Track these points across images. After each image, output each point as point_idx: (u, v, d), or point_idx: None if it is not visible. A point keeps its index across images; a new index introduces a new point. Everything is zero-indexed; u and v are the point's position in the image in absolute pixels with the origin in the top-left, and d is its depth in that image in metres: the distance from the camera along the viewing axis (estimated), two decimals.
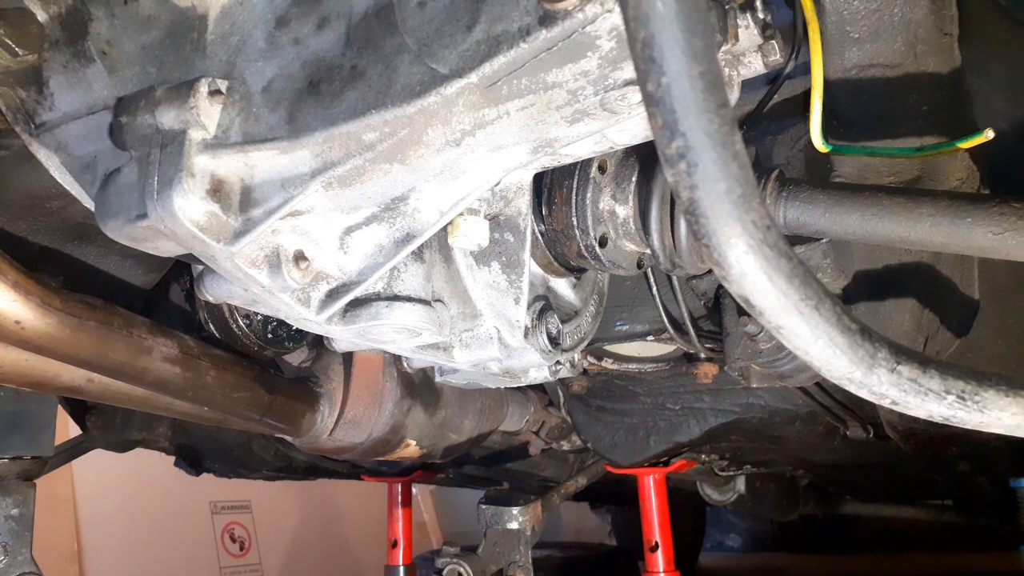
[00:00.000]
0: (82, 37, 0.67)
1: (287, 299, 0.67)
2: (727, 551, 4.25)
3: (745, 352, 0.98)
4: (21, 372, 0.80)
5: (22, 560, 1.06)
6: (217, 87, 0.61)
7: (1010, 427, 0.47)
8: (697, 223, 0.39)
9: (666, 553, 1.55)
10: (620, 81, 0.56)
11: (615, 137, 0.66)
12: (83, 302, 0.75)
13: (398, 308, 0.73)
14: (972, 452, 1.62)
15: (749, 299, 0.41)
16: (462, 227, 0.71)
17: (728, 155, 0.38)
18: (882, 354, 0.44)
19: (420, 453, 1.24)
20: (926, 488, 2.43)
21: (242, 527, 3.42)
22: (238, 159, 0.61)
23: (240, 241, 0.61)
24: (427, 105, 0.56)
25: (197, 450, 1.71)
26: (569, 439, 1.58)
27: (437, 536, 4.04)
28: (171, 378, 0.84)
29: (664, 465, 1.50)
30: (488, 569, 1.37)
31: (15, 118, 0.71)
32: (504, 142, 0.62)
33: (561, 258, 0.86)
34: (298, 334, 1.02)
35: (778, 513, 2.34)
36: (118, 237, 0.63)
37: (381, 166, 0.62)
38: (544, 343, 0.81)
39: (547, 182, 0.82)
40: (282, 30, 0.63)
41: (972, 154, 0.82)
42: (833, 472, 2.18)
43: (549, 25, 0.52)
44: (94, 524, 2.92)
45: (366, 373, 1.11)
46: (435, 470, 1.87)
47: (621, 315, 1.08)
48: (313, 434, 1.10)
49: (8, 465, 1.08)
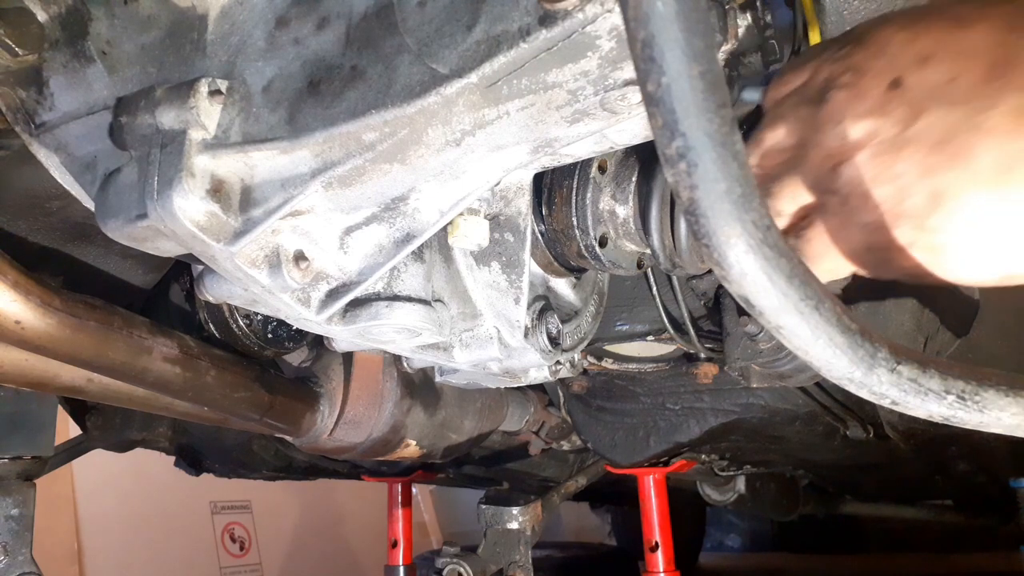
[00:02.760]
0: (82, 37, 0.67)
1: (287, 299, 0.67)
2: (727, 551, 4.25)
3: (745, 352, 0.98)
4: (21, 372, 0.80)
5: (22, 560, 1.06)
6: (217, 87, 0.61)
7: (1010, 427, 0.47)
8: (697, 223, 0.39)
9: (666, 553, 1.55)
10: (620, 81, 0.56)
11: (615, 137, 0.66)
12: (83, 302, 0.75)
13: (398, 308, 0.73)
14: (972, 452, 1.63)
15: (749, 299, 0.41)
16: (462, 227, 0.71)
17: (728, 155, 0.38)
18: (882, 354, 0.44)
19: (420, 453, 1.24)
20: (926, 488, 2.43)
21: (242, 527, 3.42)
22: (238, 159, 0.61)
23: (240, 241, 0.61)
24: (427, 105, 0.56)
25: (197, 450, 1.71)
26: (569, 439, 1.58)
27: (437, 536, 4.04)
28: (171, 378, 0.84)
29: (664, 465, 1.50)
30: (488, 569, 1.37)
31: (15, 118, 0.71)
32: (504, 142, 0.62)
33: (561, 258, 0.86)
34: (298, 334, 1.02)
35: (778, 513, 2.34)
36: (118, 237, 0.63)
37: (381, 166, 0.62)
38: (544, 343, 0.81)
39: (547, 182, 0.82)
40: (282, 30, 0.63)
41: None
42: (833, 472, 2.18)
43: (549, 25, 0.52)
44: (94, 524, 2.92)
45: (366, 373, 1.11)
46: (435, 470, 1.87)
47: (621, 315, 1.08)
48: (313, 434, 1.10)
49: (8, 465, 1.08)
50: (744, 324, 0.92)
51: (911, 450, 1.39)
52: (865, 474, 2.10)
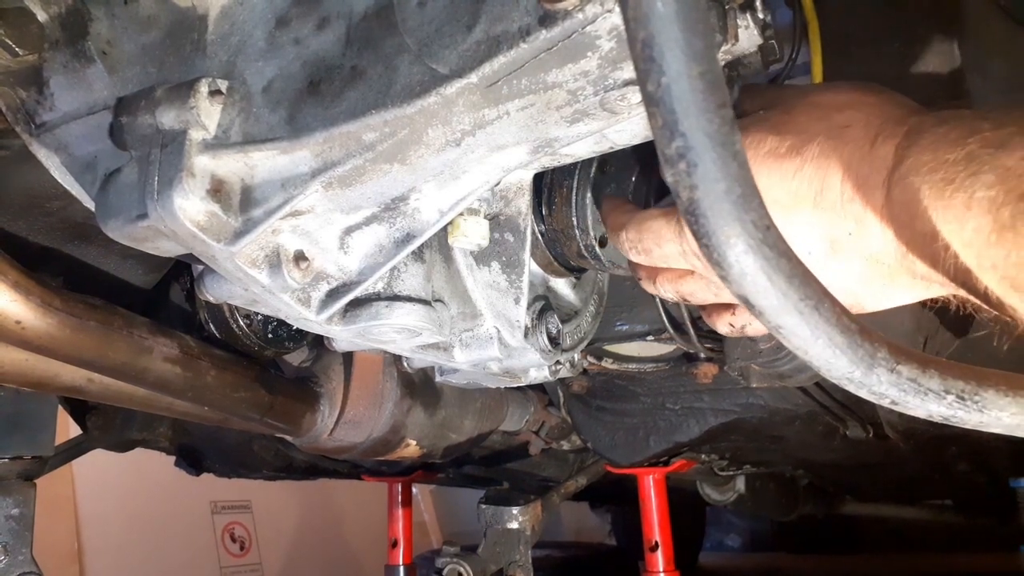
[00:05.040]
0: (82, 37, 0.67)
1: (287, 299, 0.67)
2: (727, 551, 4.25)
3: (745, 352, 0.98)
4: (21, 372, 0.80)
5: (22, 560, 1.06)
6: (217, 87, 0.61)
7: (1010, 427, 0.47)
8: (696, 223, 0.39)
9: (666, 553, 1.55)
10: (620, 81, 0.56)
11: (615, 137, 0.66)
12: (83, 302, 0.75)
13: (398, 308, 0.73)
14: (972, 452, 1.63)
15: (749, 299, 0.41)
16: (462, 227, 0.71)
17: (728, 155, 0.38)
18: (882, 354, 0.44)
19: (420, 453, 1.24)
20: (926, 488, 2.43)
21: (242, 527, 3.42)
22: (238, 159, 0.61)
23: (240, 241, 0.61)
24: (427, 105, 0.56)
25: (197, 450, 1.71)
26: (569, 439, 1.58)
27: (437, 536, 4.04)
28: (171, 378, 0.84)
29: (664, 465, 1.50)
30: (488, 569, 1.37)
31: (15, 118, 0.70)
32: (504, 142, 0.62)
33: (561, 258, 0.86)
34: (298, 334, 1.02)
35: (778, 513, 2.34)
36: (118, 237, 0.63)
37: (381, 166, 0.62)
38: (544, 343, 0.81)
39: (547, 182, 0.82)
40: (282, 30, 0.63)
41: None
42: (833, 472, 2.18)
43: (549, 25, 0.52)
44: (94, 524, 2.92)
45: (366, 373, 1.11)
46: (435, 470, 1.87)
47: (621, 315, 1.08)
48: (313, 434, 1.10)
49: (8, 465, 1.08)
50: None
51: (911, 450, 1.39)
52: (865, 474, 2.10)
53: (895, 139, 0.54)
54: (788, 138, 0.59)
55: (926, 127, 0.53)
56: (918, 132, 0.53)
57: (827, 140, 0.58)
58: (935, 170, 0.49)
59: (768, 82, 0.94)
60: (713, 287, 0.68)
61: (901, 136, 0.54)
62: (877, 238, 0.56)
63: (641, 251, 0.70)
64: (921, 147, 0.51)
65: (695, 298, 0.72)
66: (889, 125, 0.56)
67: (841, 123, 0.58)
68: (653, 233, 0.67)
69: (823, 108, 0.61)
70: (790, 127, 0.60)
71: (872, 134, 0.56)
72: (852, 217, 0.57)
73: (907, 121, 0.55)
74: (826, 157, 0.57)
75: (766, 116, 0.63)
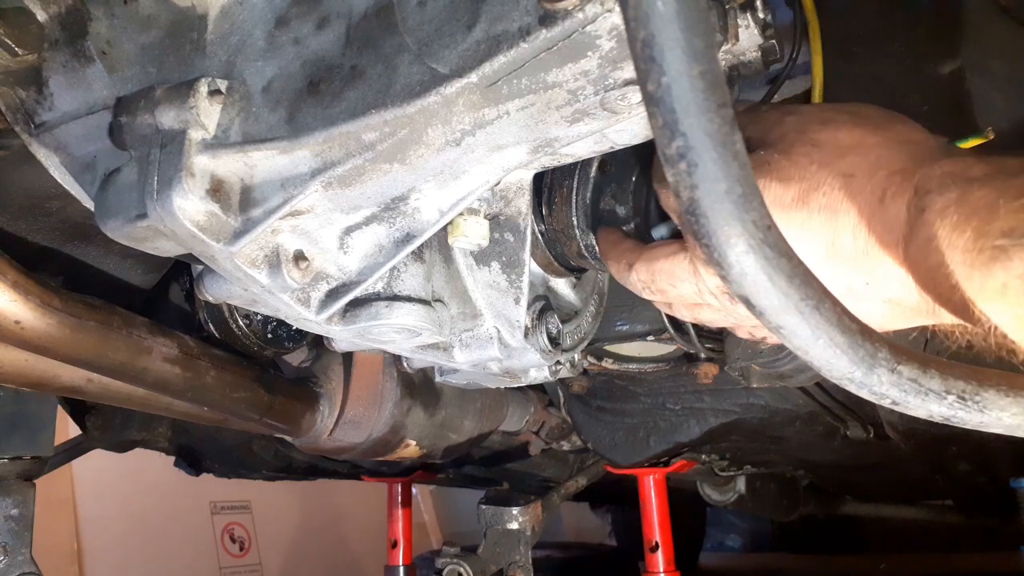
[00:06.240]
0: (82, 37, 0.67)
1: (287, 299, 0.67)
2: (727, 551, 4.25)
3: (745, 352, 0.98)
4: (21, 372, 0.80)
5: (22, 560, 1.06)
6: (217, 87, 0.61)
7: (1010, 427, 0.47)
8: (697, 223, 0.39)
9: (666, 553, 1.55)
10: (620, 81, 0.56)
11: (615, 137, 0.66)
12: (83, 302, 0.75)
13: (398, 308, 0.72)
14: (972, 452, 1.62)
15: (749, 299, 0.41)
16: (462, 227, 0.71)
17: (728, 155, 0.38)
18: (882, 354, 0.44)
19: (420, 453, 1.24)
20: (926, 488, 2.43)
21: (242, 527, 3.42)
22: (238, 159, 0.61)
23: (240, 241, 0.61)
24: (427, 105, 0.56)
25: (197, 450, 1.71)
26: (569, 439, 1.58)
27: (437, 536, 4.04)
28: (171, 378, 0.84)
29: (664, 465, 1.50)
30: (488, 569, 1.37)
31: (15, 118, 0.70)
32: (504, 142, 0.62)
33: (561, 258, 0.86)
34: (298, 334, 1.02)
35: (778, 513, 2.34)
36: (118, 237, 0.63)
37: (381, 166, 0.62)
38: (544, 343, 0.81)
39: (547, 182, 0.82)
40: (282, 30, 0.63)
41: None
42: (833, 472, 2.18)
43: (549, 25, 0.52)
44: (94, 524, 2.91)
45: (366, 373, 1.11)
46: (435, 470, 1.87)
47: (621, 315, 1.08)
48: (313, 434, 1.10)
49: (8, 465, 1.08)
50: None
51: (911, 450, 1.39)
52: (865, 474, 2.10)
53: (904, 195, 0.54)
54: (791, 187, 0.59)
55: (933, 185, 0.52)
56: (927, 192, 0.52)
57: (832, 191, 0.58)
58: (954, 246, 0.49)
59: (768, 82, 0.94)
60: (731, 317, 0.68)
61: (911, 193, 0.54)
62: (896, 287, 0.57)
63: (655, 291, 0.70)
64: (935, 212, 0.51)
65: (713, 324, 0.71)
66: (896, 179, 0.55)
67: (845, 171, 0.58)
68: (666, 274, 0.67)
69: (824, 151, 0.60)
70: (792, 173, 0.60)
71: (879, 189, 0.56)
72: (867, 270, 0.57)
73: (913, 175, 0.54)
74: (833, 211, 0.57)
75: (766, 158, 0.62)
